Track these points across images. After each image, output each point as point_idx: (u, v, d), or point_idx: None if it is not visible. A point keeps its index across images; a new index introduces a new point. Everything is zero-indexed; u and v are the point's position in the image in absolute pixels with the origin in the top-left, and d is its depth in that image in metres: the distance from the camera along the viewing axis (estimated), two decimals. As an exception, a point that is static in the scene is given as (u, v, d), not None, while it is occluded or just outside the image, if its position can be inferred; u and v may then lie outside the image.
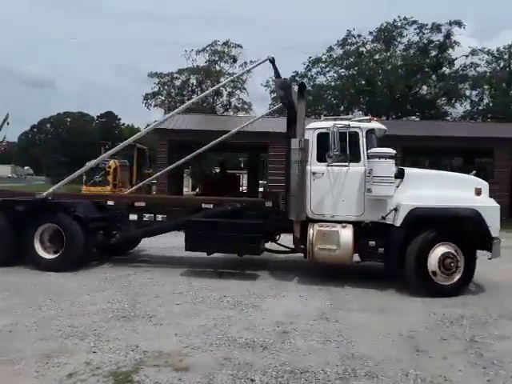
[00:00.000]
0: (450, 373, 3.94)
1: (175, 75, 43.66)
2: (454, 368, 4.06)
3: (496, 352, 4.45)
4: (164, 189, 17.41)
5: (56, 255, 7.80)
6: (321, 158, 7.27)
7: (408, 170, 7.28)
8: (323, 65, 43.16)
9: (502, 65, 38.37)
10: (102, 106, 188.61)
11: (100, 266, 8.15)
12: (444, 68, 38.74)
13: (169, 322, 5.12)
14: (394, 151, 7.04)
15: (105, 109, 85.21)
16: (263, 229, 7.68)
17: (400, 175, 7.05)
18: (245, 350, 4.34)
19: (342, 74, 41.85)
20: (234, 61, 44.40)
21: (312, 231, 7.11)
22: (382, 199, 6.96)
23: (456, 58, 38.43)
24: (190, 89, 44.93)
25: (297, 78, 44.34)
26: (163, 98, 44.90)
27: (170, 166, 12.58)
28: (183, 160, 12.03)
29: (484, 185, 7.22)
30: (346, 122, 7.24)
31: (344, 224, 7.10)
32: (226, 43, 43.68)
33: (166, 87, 44.47)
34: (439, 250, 6.63)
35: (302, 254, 7.48)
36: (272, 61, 8.01)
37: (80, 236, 7.76)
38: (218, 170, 31.26)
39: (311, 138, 7.33)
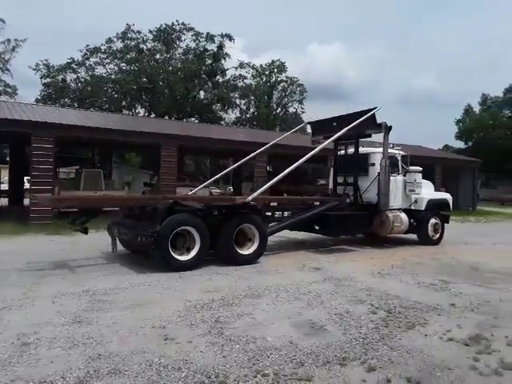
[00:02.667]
0: (191, 355, 4.23)
1: None
2: (196, 349, 4.37)
3: (235, 329, 4.98)
4: None
5: (250, 251, 9.00)
6: None
7: None
8: (103, 56, 41.12)
9: (264, 79, 44.55)
10: None
11: None
12: (218, 76, 42.36)
13: None
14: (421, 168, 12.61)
15: None
16: (368, 216, 11.67)
17: None
18: (-33, 373, 3.70)
19: (124, 68, 40.83)
20: (-7, 35, 37.73)
21: (390, 215, 11.74)
22: (409, 195, 12.46)
23: (227, 69, 42.55)
24: None
25: (73, 66, 40.93)
26: None
27: None
28: None
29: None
30: (396, 151, 12.50)
31: (400, 210, 12.18)
32: (-20, 13, 36.59)
33: None
34: (432, 221, 12.72)
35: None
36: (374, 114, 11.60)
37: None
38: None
39: (378, 158, 11.94)
